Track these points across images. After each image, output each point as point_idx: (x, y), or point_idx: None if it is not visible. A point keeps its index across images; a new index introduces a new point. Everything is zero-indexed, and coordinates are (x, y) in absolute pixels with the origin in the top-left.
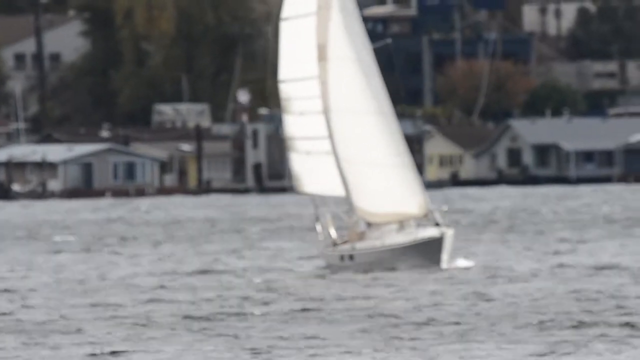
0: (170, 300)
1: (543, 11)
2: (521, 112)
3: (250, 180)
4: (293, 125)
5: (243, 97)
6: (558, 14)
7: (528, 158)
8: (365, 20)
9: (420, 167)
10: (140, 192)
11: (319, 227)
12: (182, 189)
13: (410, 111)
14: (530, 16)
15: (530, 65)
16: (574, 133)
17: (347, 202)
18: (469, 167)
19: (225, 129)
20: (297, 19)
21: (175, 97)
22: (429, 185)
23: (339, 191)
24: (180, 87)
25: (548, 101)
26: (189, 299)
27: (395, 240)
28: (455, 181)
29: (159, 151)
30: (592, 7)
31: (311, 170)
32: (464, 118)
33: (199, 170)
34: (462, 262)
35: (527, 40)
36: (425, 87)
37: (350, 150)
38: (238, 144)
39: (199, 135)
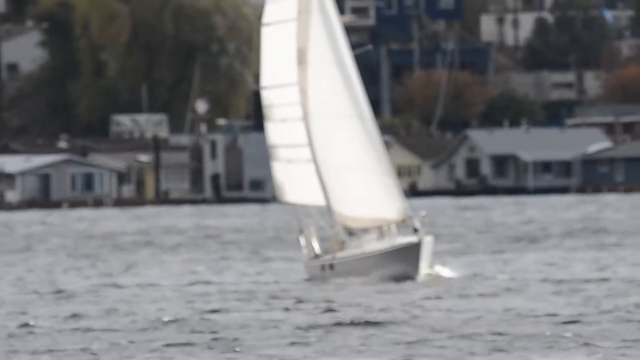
0: None
1: (500, 21)
2: (479, 122)
3: (208, 191)
4: (275, 132)
5: (201, 107)
6: (516, 24)
7: (486, 168)
8: None
9: None
10: (98, 203)
11: (302, 240)
12: (139, 199)
13: None
14: (487, 26)
15: (488, 75)
16: (531, 143)
17: (327, 208)
18: (427, 178)
19: (184, 139)
20: (278, 24)
21: (133, 108)
22: None
23: (322, 200)
24: (139, 97)
25: (506, 111)
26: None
27: (373, 248)
28: (414, 192)
29: (117, 162)
30: (549, 18)
31: (293, 179)
32: (422, 128)
33: (157, 181)
34: (443, 270)
35: (485, 51)
36: (384, 97)
37: (330, 154)
38: (196, 154)
39: (156, 146)
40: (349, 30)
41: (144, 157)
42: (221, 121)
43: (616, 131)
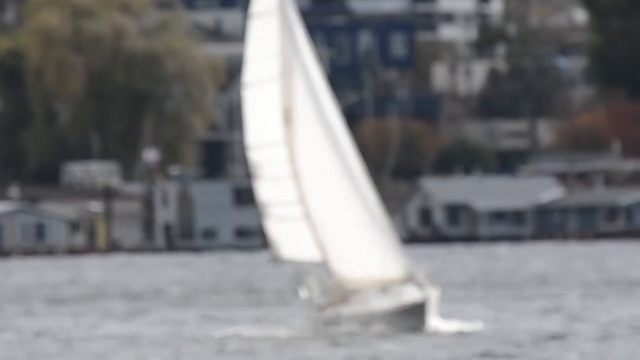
0: None
1: (453, 70)
2: (432, 171)
3: (160, 240)
4: (265, 191)
5: (150, 156)
6: (468, 73)
7: (439, 217)
8: None
9: None
10: (50, 252)
11: (302, 292)
12: (91, 248)
13: None
14: (440, 75)
15: (441, 124)
16: (485, 192)
17: (324, 266)
18: None
19: (135, 188)
20: (259, 84)
21: (85, 156)
22: None
23: (317, 255)
24: (90, 146)
25: (459, 160)
26: None
27: (379, 306)
28: None
29: (69, 211)
30: (502, 67)
31: (287, 235)
32: (375, 177)
33: (108, 230)
34: (455, 325)
35: (437, 99)
36: None
37: (324, 214)
38: (147, 203)
39: (107, 195)
40: None
41: (96, 206)
42: (174, 170)
43: (569, 180)
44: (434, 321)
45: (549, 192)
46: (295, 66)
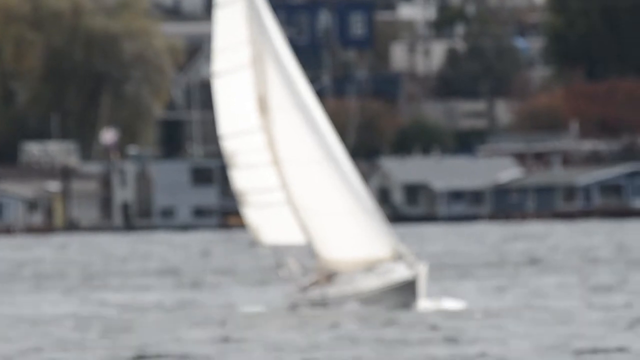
0: None
1: (412, 50)
2: (391, 150)
3: (118, 219)
4: (242, 179)
5: (108, 136)
6: (427, 53)
7: (398, 197)
8: None
9: None
10: (7, 231)
11: (284, 272)
12: (49, 228)
13: None
14: (399, 55)
15: (399, 104)
16: (443, 172)
17: (310, 249)
18: None
19: (93, 167)
20: (229, 73)
21: (43, 136)
22: None
23: (300, 239)
24: (49, 126)
25: (417, 140)
26: None
27: (367, 285)
28: None
29: (26, 190)
30: (461, 47)
31: (268, 221)
32: None
33: (66, 209)
34: (449, 302)
35: (396, 79)
36: None
37: (308, 200)
38: (105, 183)
39: (65, 174)
40: None
41: (54, 186)
42: (132, 149)
43: (527, 160)
44: (423, 299)
45: (507, 172)
46: (267, 53)
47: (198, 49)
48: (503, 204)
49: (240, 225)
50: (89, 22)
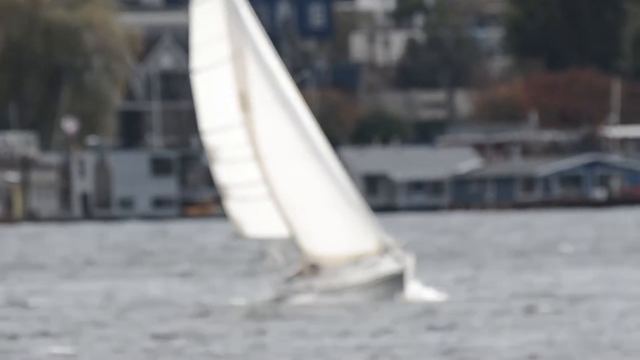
0: None
1: (371, 40)
2: (350, 141)
3: (77, 210)
4: (224, 174)
5: (69, 126)
6: (386, 43)
7: (357, 187)
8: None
9: None
10: None
11: (267, 263)
12: (8, 219)
13: None
14: (358, 45)
15: (359, 94)
16: (403, 162)
17: (292, 242)
18: None
19: (53, 158)
20: (209, 69)
21: (2, 126)
22: None
23: (283, 233)
24: (7, 116)
25: (376, 131)
26: None
27: (354, 278)
28: None
29: None
30: (420, 37)
31: (250, 215)
32: None
33: (25, 200)
34: (429, 293)
35: (356, 70)
36: None
37: (292, 194)
38: (65, 173)
39: (25, 165)
40: None
41: (13, 176)
42: (91, 140)
43: (487, 150)
44: (411, 291)
45: (467, 162)
46: (246, 49)
47: (157, 40)
48: (463, 195)
49: (199, 215)
50: (48, 13)
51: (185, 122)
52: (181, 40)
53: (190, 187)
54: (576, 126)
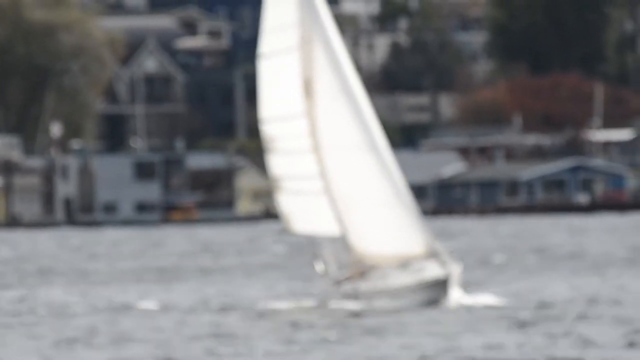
0: None
1: (355, 44)
2: None
3: (60, 214)
4: (280, 165)
5: (57, 130)
6: (370, 47)
7: None
8: (178, 52)
9: (231, 202)
10: None
11: (319, 265)
12: None
13: (222, 144)
14: None
15: None
16: None
17: (343, 241)
18: None
19: (36, 162)
20: (277, 55)
21: None
22: (241, 220)
23: (334, 230)
24: None
25: None
26: None
27: (399, 282)
28: (269, 215)
29: None
30: (405, 41)
31: (302, 209)
32: None
33: (8, 204)
34: (483, 298)
35: None
36: (239, 120)
37: (345, 189)
38: (48, 177)
39: (8, 169)
40: (203, 53)
41: None
42: (75, 144)
43: (470, 154)
44: (456, 297)
45: (451, 166)
46: (315, 36)
47: (141, 43)
48: (446, 199)
49: (182, 220)
50: (29, 15)
51: (169, 125)
52: (165, 44)
53: (173, 191)
54: (560, 130)
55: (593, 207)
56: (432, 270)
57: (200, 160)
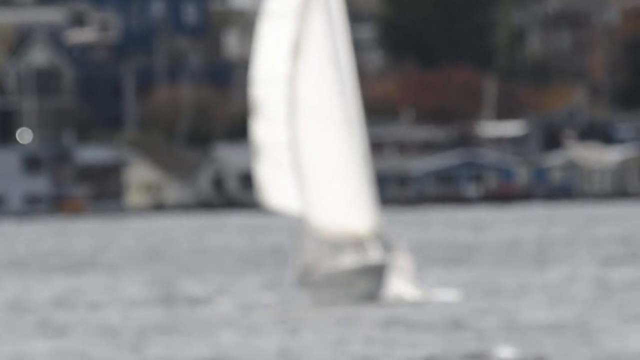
0: None
1: (245, 37)
2: (226, 137)
3: None
4: (261, 131)
5: None
6: None
7: (232, 184)
8: (67, 45)
9: (119, 195)
10: None
11: (294, 254)
12: None
13: (110, 137)
14: (232, 42)
15: (233, 91)
16: None
17: (303, 219)
18: (172, 194)
19: None
20: (276, 17)
21: None
22: (129, 213)
23: (298, 208)
24: None
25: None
26: None
27: (343, 264)
28: (158, 208)
29: None
30: None
31: (276, 183)
32: (167, 144)
33: None
34: (442, 293)
35: (230, 67)
36: (128, 113)
37: (310, 158)
38: None
39: None
40: (91, 46)
41: None
42: None
43: None
44: (395, 288)
45: None
46: (316, 2)
47: (28, 36)
48: None
49: (72, 212)
50: None
51: (58, 119)
52: (54, 37)
53: (62, 184)
54: (451, 124)
55: (484, 200)
56: (373, 256)
57: (89, 154)
